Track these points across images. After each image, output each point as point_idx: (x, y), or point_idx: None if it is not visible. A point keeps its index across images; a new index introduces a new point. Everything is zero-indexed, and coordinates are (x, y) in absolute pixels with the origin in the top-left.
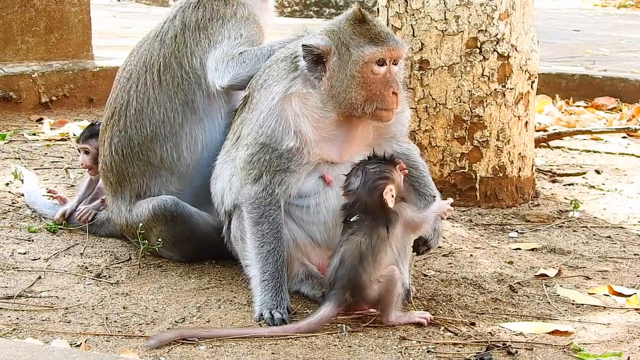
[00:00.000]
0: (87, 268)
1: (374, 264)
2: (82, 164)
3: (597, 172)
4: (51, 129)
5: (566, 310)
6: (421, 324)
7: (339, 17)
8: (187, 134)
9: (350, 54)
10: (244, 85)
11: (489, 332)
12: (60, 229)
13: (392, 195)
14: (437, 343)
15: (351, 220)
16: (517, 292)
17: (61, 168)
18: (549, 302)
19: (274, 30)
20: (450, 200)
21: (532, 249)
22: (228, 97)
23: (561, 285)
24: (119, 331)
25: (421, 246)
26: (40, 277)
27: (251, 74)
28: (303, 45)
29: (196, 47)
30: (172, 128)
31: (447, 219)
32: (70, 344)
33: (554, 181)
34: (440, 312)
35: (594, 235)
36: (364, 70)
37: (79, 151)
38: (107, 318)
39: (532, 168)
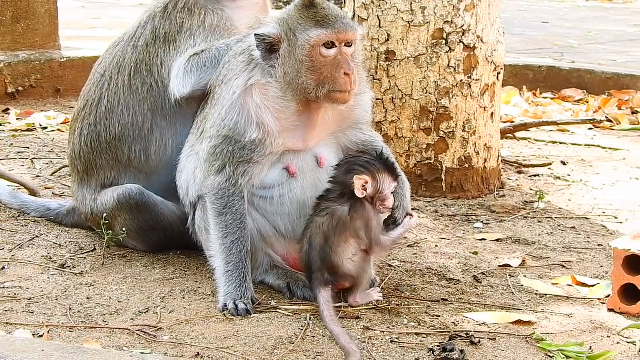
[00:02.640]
0: (51, 258)
1: (339, 242)
2: None
3: (563, 163)
4: (17, 119)
5: (530, 300)
6: (379, 301)
7: (291, 5)
8: (157, 139)
9: (297, 39)
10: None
11: (453, 322)
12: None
13: (365, 189)
14: (401, 333)
15: (325, 196)
16: (481, 283)
17: (27, 158)
18: (513, 293)
19: None
20: (416, 218)
21: (497, 240)
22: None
23: (525, 276)
24: (82, 321)
25: (390, 225)
26: (3, 268)
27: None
28: (255, 34)
29: (166, 57)
30: (140, 132)
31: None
32: (33, 335)
33: (519, 172)
34: (405, 302)
35: (559, 226)
36: (312, 54)
37: None
38: (70, 308)
39: (498, 159)
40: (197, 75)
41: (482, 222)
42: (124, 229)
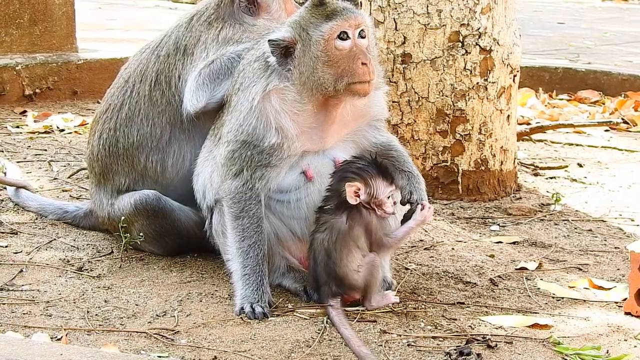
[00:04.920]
0: (68, 261)
1: (341, 257)
2: None
3: (580, 165)
4: (35, 121)
5: (546, 303)
6: (395, 304)
7: (301, 8)
8: (174, 152)
9: (311, 37)
10: (223, 100)
11: (469, 326)
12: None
13: (358, 195)
14: (418, 336)
15: (323, 207)
16: (497, 286)
17: (44, 161)
18: (530, 296)
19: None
20: (427, 209)
21: (514, 242)
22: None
23: (542, 279)
24: (100, 325)
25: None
26: (22, 271)
27: (228, 86)
28: (269, 40)
29: (183, 70)
30: (158, 143)
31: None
32: (51, 338)
33: (536, 174)
34: (421, 305)
35: (575, 228)
36: (327, 49)
37: None
38: (88, 312)
39: (514, 161)
40: (210, 88)
41: (498, 224)
42: (140, 234)
